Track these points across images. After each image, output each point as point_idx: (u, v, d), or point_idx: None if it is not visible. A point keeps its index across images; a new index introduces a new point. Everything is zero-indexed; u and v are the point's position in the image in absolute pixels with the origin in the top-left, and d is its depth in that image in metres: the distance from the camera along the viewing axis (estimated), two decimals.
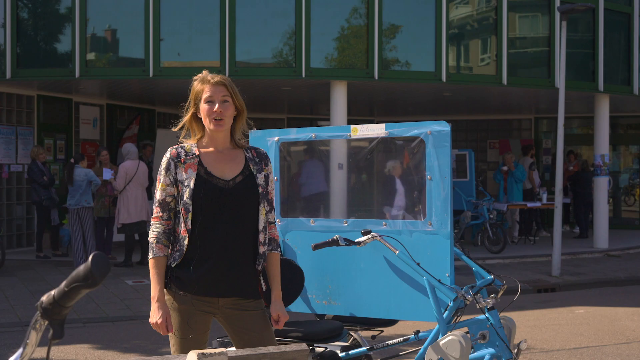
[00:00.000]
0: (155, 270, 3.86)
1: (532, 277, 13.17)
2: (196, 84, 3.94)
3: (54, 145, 16.84)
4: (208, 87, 3.89)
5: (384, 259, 5.04)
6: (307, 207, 6.25)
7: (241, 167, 3.94)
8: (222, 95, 3.88)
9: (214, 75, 3.93)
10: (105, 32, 14.70)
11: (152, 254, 3.88)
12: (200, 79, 3.93)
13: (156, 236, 3.89)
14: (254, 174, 3.94)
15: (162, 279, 3.85)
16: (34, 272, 13.27)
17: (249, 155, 4.00)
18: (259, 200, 3.92)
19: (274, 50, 14.46)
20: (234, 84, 3.97)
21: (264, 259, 3.96)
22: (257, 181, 3.93)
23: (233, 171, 3.92)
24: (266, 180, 3.98)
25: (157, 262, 3.87)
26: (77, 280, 2.15)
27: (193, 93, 3.94)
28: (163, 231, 3.90)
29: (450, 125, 4.82)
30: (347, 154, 11.98)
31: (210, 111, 3.86)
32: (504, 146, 21.74)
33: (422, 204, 5.02)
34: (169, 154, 3.94)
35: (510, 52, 15.39)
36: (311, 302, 5.33)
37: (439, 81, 14.64)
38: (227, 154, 3.97)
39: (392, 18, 14.54)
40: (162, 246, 3.88)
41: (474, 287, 4.84)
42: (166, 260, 3.88)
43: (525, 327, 9.44)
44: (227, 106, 3.89)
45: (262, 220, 3.93)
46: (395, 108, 21.03)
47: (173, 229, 3.91)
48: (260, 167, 3.98)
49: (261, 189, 3.94)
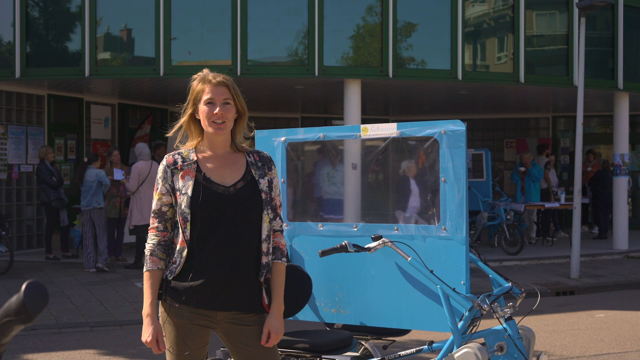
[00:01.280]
0: (148, 284, 3.62)
1: (550, 280, 12.88)
2: (196, 84, 3.68)
3: (65, 145, 16.69)
4: (209, 87, 3.63)
5: (395, 265, 4.78)
6: (316, 210, 5.99)
7: (242, 172, 3.69)
8: (223, 97, 3.62)
9: (216, 75, 3.66)
10: (116, 31, 14.53)
11: (146, 267, 3.65)
12: (201, 78, 3.67)
13: (151, 248, 3.66)
14: (256, 179, 3.69)
15: (155, 294, 3.62)
16: (42, 274, 13.10)
17: (251, 160, 3.74)
18: (261, 207, 3.65)
19: (286, 48, 14.24)
20: (235, 84, 3.71)
21: (267, 269, 3.70)
22: (260, 187, 3.67)
23: (233, 177, 3.66)
24: (270, 186, 3.72)
25: (150, 275, 3.63)
26: (8, 314, 1.80)
27: (192, 93, 3.68)
28: (158, 243, 3.67)
29: (465, 124, 4.56)
30: (360, 154, 11.73)
31: (211, 114, 3.61)
32: (521, 145, 21.45)
33: (435, 208, 4.76)
34: (165, 161, 3.69)
35: (528, 49, 15.13)
36: (319, 311, 5.07)
37: (455, 79, 14.40)
38: (227, 159, 3.71)
39: (406, 16, 14.31)
40: (156, 259, 3.65)
41: (491, 296, 4.58)
42: (161, 273, 3.65)
43: (544, 332, 9.16)
44: (229, 109, 3.63)
45: (265, 229, 3.66)
46: (410, 107, 20.80)
47: (171, 240, 3.68)
48: (263, 172, 3.72)
49: (264, 195, 3.67)
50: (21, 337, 9.11)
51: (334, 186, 13.67)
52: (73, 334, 9.34)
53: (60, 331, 9.45)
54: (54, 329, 9.52)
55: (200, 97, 3.64)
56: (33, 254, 15.36)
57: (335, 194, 13.61)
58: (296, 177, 5.56)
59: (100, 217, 13.43)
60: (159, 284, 3.63)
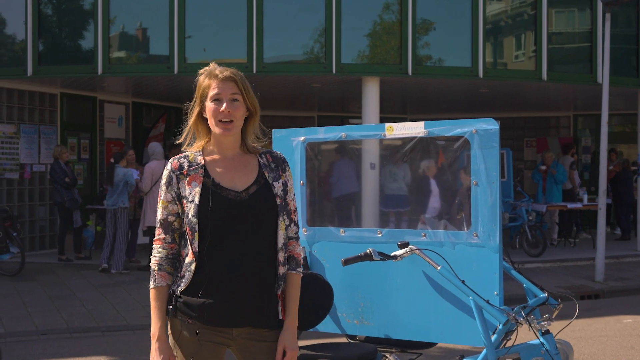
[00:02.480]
0: (156, 303, 3.33)
1: (574, 283, 12.53)
2: (202, 79, 3.36)
3: (78, 145, 16.47)
4: (215, 82, 3.31)
5: (422, 273, 4.46)
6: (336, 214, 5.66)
7: (255, 175, 3.37)
8: (231, 93, 3.30)
9: (223, 69, 3.33)
10: (129, 28, 14.30)
11: (154, 283, 3.35)
12: (207, 73, 3.35)
13: (158, 262, 3.36)
14: (270, 182, 3.36)
15: (164, 312, 3.32)
16: (54, 276, 12.86)
17: (263, 161, 3.41)
18: (277, 213, 3.34)
19: (303, 45, 13.96)
20: (246, 79, 3.38)
21: (283, 281, 3.39)
22: (274, 191, 3.36)
23: (245, 181, 3.34)
24: (284, 189, 3.40)
25: (158, 292, 3.34)
26: None
27: (199, 89, 3.37)
28: (166, 256, 3.36)
29: (499, 123, 4.24)
30: (380, 155, 11.43)
31: (217, 111, 3.29)
32: (542, 144, 21.10)
33: (465, 212, 4.44)
34: (170, 166, 3.38)
35: (550, 47, 14.80)
36: (341, 322, 4.76)
37: (476, 77, 14.08)
38: (238, 161, 3.39)
39: (425, 13, 14.00)
40: (165, 274, 3.35)
41: (526, 307, 4.25)
42: (169, 289, 3.36)
43: (571, 339, 8.80)
44: (237, 106, 3.31)
45: (281, 237, 3.35)
46: (428, 105, 20.50)
47: (179, 252, 3.37)
48: (277, 174, 3.40)
49: (279, 199, 3.35)
50: (30, 342, 8.88)
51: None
52: (84, 338, 9.09)
53: (71, 336, 9.20)
54: (64, 333, 9.27)
55: (206, 94, 3.33)
56: (45, 255, 15.14)
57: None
58: (316, 178, 5.24)
59: (123, 217, 13.21)
60: (167, 301, 3.34)
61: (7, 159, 14.84)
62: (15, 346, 8.70)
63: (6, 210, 13.35)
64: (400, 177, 13.46)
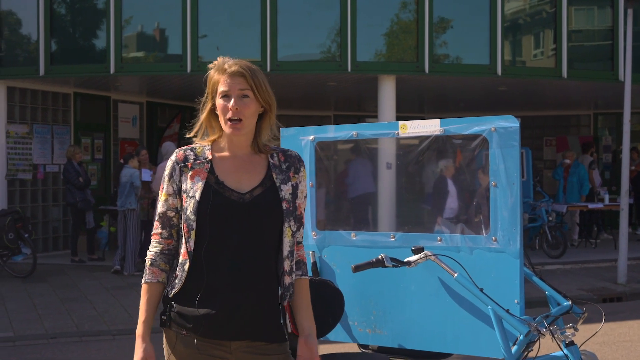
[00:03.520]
0: (144, 298, 3.11)
1: (596, 285, 12.24)
2: (212, 74, 3.13)
3: (92, 145, 16.33)
4: (224, 78, 3.07)
5: (438, 280, 4.22)
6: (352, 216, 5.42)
7: (262, 176, 3.14)
8: (239, 89, 3.06)
9: (232, 63, 3.09)
10: (142, 27, 14.14)
11: (145, 279, 3.14)
12: (217, 67, 3.12)
13: (152, 257, 3.14)
14: (277, 185, 3.13)
15: (151, 310, 3.10)
16: (66, 277, 12.71)
17: (274, 162, 3.18)
18: (282, 218, 3.10)
19: (318, 43, 13.74)
20: (260, 73, 3.12)
21: (290, 292, 3.16)
22: (281, 194, 3.12)
23: (251, 182, 3.11)
24: (294, 192, 3.16)
25: (147, 288, 3.12)
26: None
27: (209, 84, 3.14)
28: (161, 251, 3.14)
29: (519, 120, 3.99)
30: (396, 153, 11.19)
31: (226, 108, 3.06)
32: (562, 143, 20.79)
33: (484, 215, 4.19)
34: (175, 156, 3.16)
35: (570, 45, 14.52)
36: (353, 330, 4.53)
37: (494, 74, 13.82)
38: (247, 160, 3.16)
39: (442, 11, 13.76)
40: (156, 270, 3.13)
41: (549, 317, 4.00)
42: (162, 287, 3.14)
43: (594, 344, 8.54)
44: (247, 103, 3.06)
45: (287, 244, 3.12)
46: (446, 104, 20.24)
47: (175, 249, 3.15)
48: (286, 176, 3.16)
49: (286, 204, 3.12)
50: (40, 346, 8.72)
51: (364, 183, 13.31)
52: (94, 342, 8.91)
53: (81, 340, 9.03)
54: (74, 337, 9.09)
55: (216, 89, 3.11)
56: (59, 256, 15.00)
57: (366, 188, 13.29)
58: (327, 180, 5.01)
59: (132, 219, 13.03)
60: (157, 299, 3.12)
61: (20, 159, 14.72)
62: (24, 350, 8.54)
63: (18, 211, 13.23)
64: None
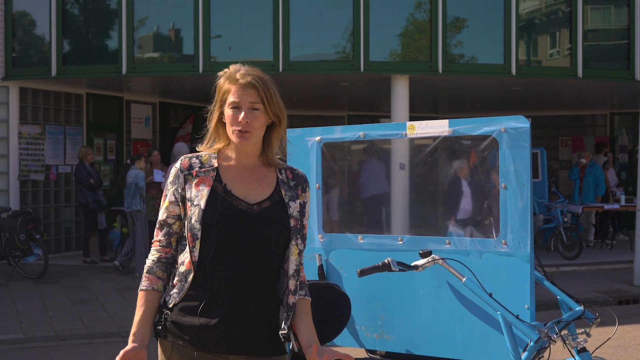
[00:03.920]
0: (138, 306, 3.02)
1: (611, 287, 12.10)
2: (222, 82, 3.05)
3: (104, 145, 16.31)
4: (235, 88, 2.99)
5: (447, 284, 4.12)
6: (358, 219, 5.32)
7: (270, 190, 3.05)
8: (250, 101, 2.98)
9: (245, 73, 2.99)
10: (154, 27, 14.10)
11: (140, 286, 3.05)
12: (227, 76, 3.03)
13: (149, 265, 3.06)
14: (286, 201, 3.05)
15: (146, 316, 3.00)
16: (78, 279, 12.67)
17: (282, 178, 3.10)
18: (289, 235, 3.02)
19: (330, 43, 13.66)
20: (272, 84, 3.03)
21: (294, 312, 3.07)
22: (290, 211, 3.04)
23: (259, 194, 3.03)
24: (301, 211, 3.08)
25: (142, 296, 3.03)
26: None
27: (219, 92, 3.06)
28: (158, 259, 3.06)
29: (529, 120, 3.89)
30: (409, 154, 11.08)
31: (235, 120, 2.97)
32: (577, 143, 20.61)
33: (494, 218, 4.09)
34: (179, 164, 3.08)
35: (586, 44, 14.37)
36: (360, 335, 4.43)
37: (509, 74, 13.69)
38: (255, 172, 3.08)
39: (456, 10, 13.64)
40: (153, 278, 3.03)
41: (560, 322, 3.90)
42: (158, 296, 3.04)
43: (609, 348, 8.40)
44: (257, 115, 2.98)
45: (293, 262, 3.04)
46: (460, 104, 20.11)
47: (173, 258, 3.06)
48: (295, 194, 3.09)
49: (294, 221, 3.04)
50: (49, 348, 8.67)
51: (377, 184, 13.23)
52: (103, 344, 8.85)
53: (91, 342, 8.97)
54: (84, 339, 9.04)
55: (225, 99, 3.02)
56: (71, 257, 14.98)
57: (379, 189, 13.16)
58: (334, 182, 4.91)
59: (139, 220, 12.98)
60: (153, 307, 3.02)
61: (33, 160, 14.69)
62: (33, 352, 8.50)
63: (29, 212, 13.20)
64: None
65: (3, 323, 9.56)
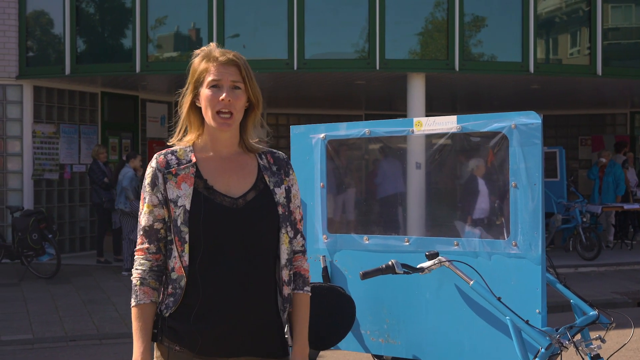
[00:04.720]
0: (139, 323, 2.81)
1: (631, 288, 11.88)
2: (197, 62, 2.84)
3: (119, 145, 16.24)
4: (214, 66, 2.79)
5: (455, 287, 3.97)
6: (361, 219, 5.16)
7: (253, 179, 2.87)
8: (232, 80, 2.79)
9: (224, 51, 2.82)
10: (168, 26, 14.01)
11: (135, 301, 2.84)
12: (204, 54, 2.84)
13: (140, 276, 2.85)
14: (271, 188, 2.87)
15: (148, 334, 2.82)
16: (90, 278, 12.60)
17: (264, 163, 2.92)
18: (278, 224, 2.85)
19: (346, 41, 13.53)
20: (248, 65, 2.86)
21: (289, 303, 2.91)
22: (276, 198, 2.86)
23: (242, 185, 2.85)
24: (287, 196, 2.91)
25: (141, 311, 2.82)
26: None
27: (193, 73, 2.84)
28: (150, 268, 2.85)
29: (541, 116, 3.73)
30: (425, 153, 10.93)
31: (215, 100, 2.77)
32: (597, 143, 20.37)
33: (504, 218, 3.93)
34: (155, 162, 2.86)
35: (605, 43, 14.16)
36: (365, 340, 4.29)
37: (527, 72, 13.50)
38: (234, 161, 2.89)
39: (473, 8, 13.47)
40: (148, 289, 2.84)
41: (573, 328, 3.73)
42: (154, 307, 2.85)
43: (627, 351, 8.21)
44: (238, 95, 2.80)
45: (284, 251, 2.86)
46: (478, 103, 19.91)
47: (164, 264, 2.87)
48: (279, 179, 2.91)
49: (281, 208, 2.86)
50: (58, 349, 8.59)
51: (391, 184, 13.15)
52: (114, 345, 8.75)
53: (101, 342, 8.88)
54: (94, 339, 8.95)
55: (202, 79, 2.81)
56: (85, 257, 14.92)
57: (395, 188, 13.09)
58: (339, 180, 4.76)
59: (125, 221, 12.89)
60: (152, 322, 2.84)
61: (47, 159, 14.65)
62: (42, 353, 8.41)
63: (42, 211, 13.14)
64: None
65: (13, 323, 9.49)
